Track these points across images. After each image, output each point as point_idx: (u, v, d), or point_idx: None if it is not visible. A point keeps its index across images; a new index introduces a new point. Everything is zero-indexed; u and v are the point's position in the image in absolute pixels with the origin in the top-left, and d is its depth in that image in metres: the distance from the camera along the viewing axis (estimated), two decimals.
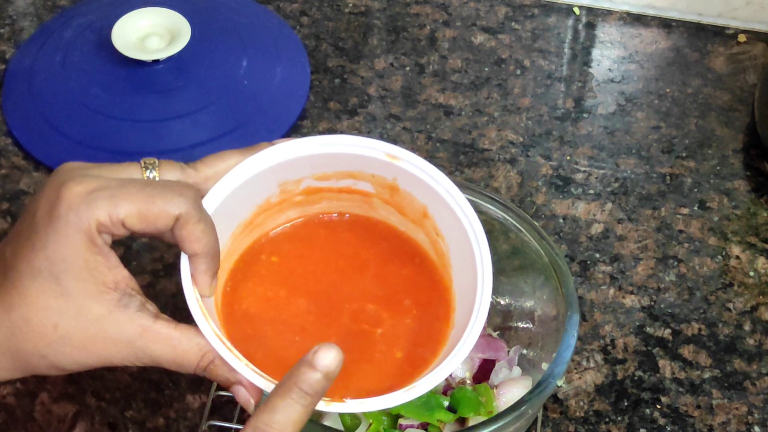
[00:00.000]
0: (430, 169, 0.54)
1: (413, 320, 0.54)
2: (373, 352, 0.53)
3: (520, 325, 0.68)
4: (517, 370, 0.67)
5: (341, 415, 0.61)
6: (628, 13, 0.95)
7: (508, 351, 0.68)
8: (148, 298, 0.51)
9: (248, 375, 0.48)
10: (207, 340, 0.49)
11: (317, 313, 0.54)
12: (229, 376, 0.49)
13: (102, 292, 0.49)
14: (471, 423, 0.61)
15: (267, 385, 0.48)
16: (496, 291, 0.69)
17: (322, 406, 0.48)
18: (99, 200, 0.48)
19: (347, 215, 0.58)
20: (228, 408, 0.69)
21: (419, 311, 0.55)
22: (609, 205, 0.82)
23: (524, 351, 0.67)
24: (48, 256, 0.48)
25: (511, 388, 0.64)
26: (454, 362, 0.49)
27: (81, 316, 0.48)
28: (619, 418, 0.70)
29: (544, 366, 0.62)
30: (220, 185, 0.52)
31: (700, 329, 0.75)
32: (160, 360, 0.50)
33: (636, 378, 0.72)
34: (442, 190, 0.54)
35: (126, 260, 0.77)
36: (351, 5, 0.96)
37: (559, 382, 0.71)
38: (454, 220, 0.54)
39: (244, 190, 0.53)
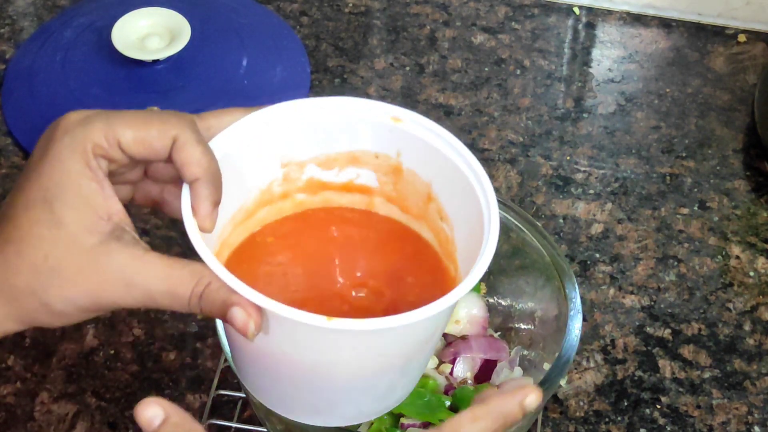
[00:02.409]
0: (435, 127, 0.52)
1: (416, 298, 0.52)
2: None
3: (522, 326, 0.68)
4: (518, 370, 0.67)
5: None
6: (628, 13, 0.95)
7: (510, 351, 0.68)
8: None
9: (247, 292, 0.45)
10: (202, 265, 0.46)
11: (317, 289, 0.53)
12: (227, 298, 0.46)
13: (95, 222, 0.47)
14: None
15: (266, 302, 0.45)
16: (497, 291, 0.69)
17: (323, 321, 0.45)
18: (95, 122, 0.47)
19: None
20: (228, 407, 0.69)
21: (422, 291, 0.53)
22: (609, 205, 0.82)
23: (525, 352, 0.67)
24: (42, 184, 0.47)
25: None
26: (447, 300, 0.47)
27: (72, 246, 0.47)
28: (619, 418, 0.70)
29: (546, 366, 0.62)
30: (221, 137, 0.50)
31: (700, 329, 0.75)
32: (152, 291, 0.47)
33: (636, 378, 0.72)
34: (448, 148, 0.52)
35: None
36: (351, 5, 0.96)
37: (560, 382, 0.71)
38: (459, 182, 0.51)
39: (245, 154, 0.51)
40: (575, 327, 0.62)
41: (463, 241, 0.53)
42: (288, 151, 0.54)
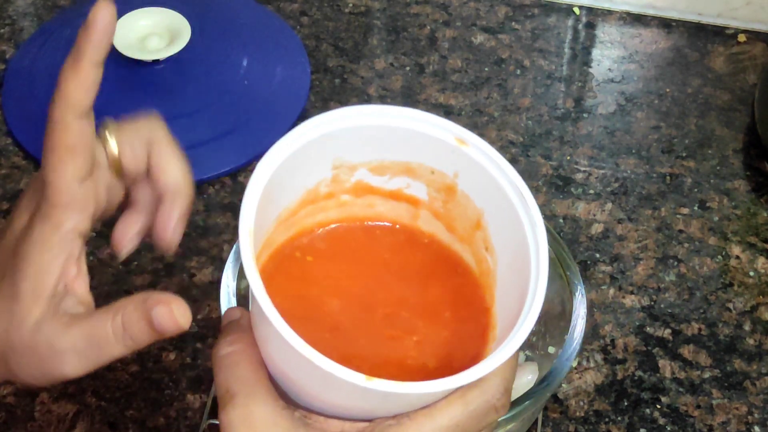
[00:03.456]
0: (499, 160, 0.50)
1: (450, 333, 0.51)
2: (405, 359, 0.51)
3: None
4: (521, 356, 0.67)
5: None
6: (628, 13, 0.95)
7: None
8: (87, 297, 0.48)
9: (299, 344, 0.43)
10: (121, 301, 0.45)
11: (350, 314, 0.52)
12: (143, 309, 0.45)
13: (42, 290, 0.46)
14: None
15: (309, 351, 0.43)
16: None
17: (362, 379, 0.44)
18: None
19: (390, 224, 0.56)
20: None
21: (457, 325, 0.52)
22: (609, 205, 0.82)
23: (528, 353, 0.68)
24: (17, 251, 0.46)
25: (518, 375, 0.64)
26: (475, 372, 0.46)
27: (22, 322, 0.45)
28: (619, 418, 0.70)
29: (551, 350, 0.62)
30: (285, 140, 0.49)
31: (700, 329, 0.75)
32: (82, 352, 0.46)
33: (636, 378, 0.72)
34: (509, 185, 0.50)
35: (126, 260, 0.77)
36: (351, 5, 0.96)
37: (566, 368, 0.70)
38: (513, 225, 0.50)
39: (300, 155, 0.50)
40: (581, 310, 0.62)
41: (503, 280, 0.52)
42: (342, 154, 0.52)
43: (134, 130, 0.48)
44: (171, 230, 0.48)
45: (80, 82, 0.46)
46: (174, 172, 0.48)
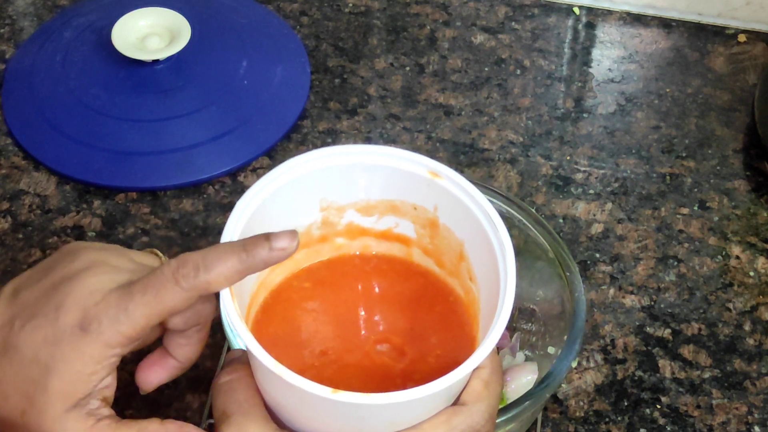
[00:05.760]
0: (470, 188, 0.52)
1: (436, 360, 0.52)
2: (389, 386, 0.51)
3: (524, 325, 0.68)
4: (520, 356, 0.67)
5: None
6: (628, 13, 0.95)
7: (511, 338, 0.68)
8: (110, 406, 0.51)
9: (263, 357, 0.46)
10: (147, 422, 0.50)
11: (341, 341, 0.53)
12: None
13: (71, 392, 0.49)
14: None
15: (276, 367, 0.45)
16: None
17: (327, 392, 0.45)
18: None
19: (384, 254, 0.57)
20: None
21: (444, 351, 0.53)
22: (609, 205, 0.82)
23: (528, 353, 0.68)
24: (53, 353, 0.48)
25: (518, 375, 0.64)
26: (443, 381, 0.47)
27: (43, 413, 0.48)
28: (619, 418, 0.70)
29: (551, 350, 0.62)
30: (262, 181, 0.50)
31: (700, 329, 0.75)
32: None
33: (636, 378, 0.72)
34: (481, 213, 0.51)
35: None
36: (351, 5, 0.96)
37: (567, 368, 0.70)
38: (488, 253, 0.51)
39: (285, 197, 0.51)
40: (581, 310, 0.62)
41: (485, 308, 0.53)
42: (328, 195, 0.54)
43: (197, 302, 0.50)
44: (148, 384, 0.55)
45: (236, 275, 0.48)
46: (192, 355, 0.53)
